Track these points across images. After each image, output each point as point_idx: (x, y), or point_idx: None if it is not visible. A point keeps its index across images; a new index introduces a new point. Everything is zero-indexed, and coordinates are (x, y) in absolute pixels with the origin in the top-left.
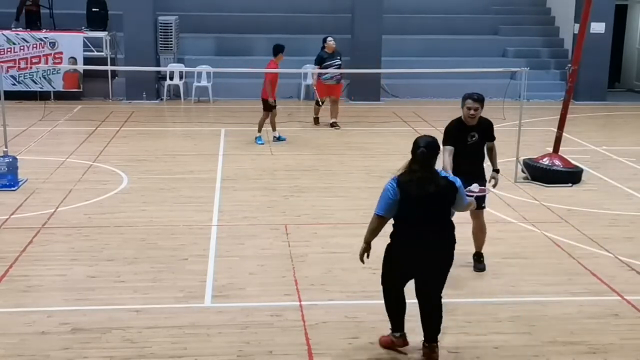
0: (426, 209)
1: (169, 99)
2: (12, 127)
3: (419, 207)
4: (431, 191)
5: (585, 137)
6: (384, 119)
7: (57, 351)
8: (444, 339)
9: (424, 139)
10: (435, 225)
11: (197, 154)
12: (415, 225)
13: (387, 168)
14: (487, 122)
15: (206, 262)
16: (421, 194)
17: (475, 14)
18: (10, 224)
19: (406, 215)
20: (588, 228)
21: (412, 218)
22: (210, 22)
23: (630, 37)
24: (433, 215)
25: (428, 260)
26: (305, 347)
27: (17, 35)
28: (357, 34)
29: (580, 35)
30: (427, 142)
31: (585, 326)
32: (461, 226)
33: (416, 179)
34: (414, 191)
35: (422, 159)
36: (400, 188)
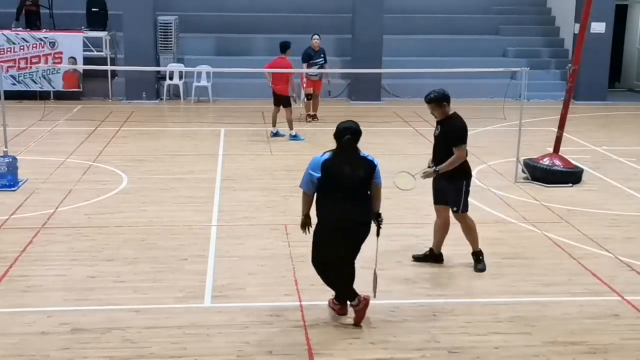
0: (351, 188)
1: (169, 99)
2: (12, 127)
3: (345, 186)
4: (354, 172)
5: (585, 137)
6: (384, 118)
7: (57, 351)
8: (444, 338)
9: (349, 124)
10: (359, 203)
11: (197, 154)
12: (340, 203)
13: (388, 168)
14: (452, 125)
15: (206, 262)
16: (348, 175)
17: (475, 14)
18: (10, 224)
19: (330, 194)
20: (588, 228)
21: (337, 197)
22: (210, 22)
23: (631, 37)
24: (355, 193)
25: (353, 237)
26: (305, 347)
27: (17, 35)
28: (358, 33)
29: (581, 35)
30: (352, 128)
31: (585, 326)
32: (458, 227)
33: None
34: (338, 172)
35: (349, 144)
36: (324, 169)
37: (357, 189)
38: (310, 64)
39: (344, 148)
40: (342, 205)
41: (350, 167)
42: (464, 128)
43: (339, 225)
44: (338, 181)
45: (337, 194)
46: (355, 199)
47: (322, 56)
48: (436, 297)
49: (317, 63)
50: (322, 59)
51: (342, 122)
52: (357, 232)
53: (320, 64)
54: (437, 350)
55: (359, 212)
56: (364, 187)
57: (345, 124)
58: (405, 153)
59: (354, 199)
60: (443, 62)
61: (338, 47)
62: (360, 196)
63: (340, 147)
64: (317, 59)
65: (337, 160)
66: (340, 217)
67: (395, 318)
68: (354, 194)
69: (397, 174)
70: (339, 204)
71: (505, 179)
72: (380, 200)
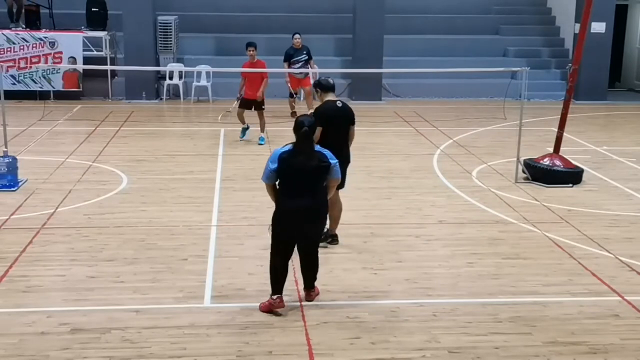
0: (305, 180)
1: (169, 99)
2: (11, 126)
3: (300, 178)
4: (311, 165)
5: (585, 137)
6: (385, 118)
7: (57, 351)
8: (444, 338)
9: (307, 119)
10: (313, 194)
11: (197, 154)
12: (295, 194)
13: (389, 168)
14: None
15: (206, 263)
16: (302, 167)
17: (476, 14)
18: (10, 224)
19: (288, 185)
20: (588, 228)
21: (292, 188)
22: (209, 22)
23: (631, 37)
24: (311, 185)
25: (307, 224)
26: (306, 348)
27: (16, 34)
28: (359, 33)
29: (581, 35)
30: (310, 122)
31: (585, 326)
32: (458, 227)
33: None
34: (298, 164)
35: (305, 137)
36: (281, 161)
37: (309, 180)
38: (292, 63)
39: (300, 140)
40: (297, 195)
41: (304, 158)
42: (318, 112)
43: (292, 214)
44: (293, 172)
45: (292, 185)
46: (309, 190)
47: (305, 53)
48: (436, 297)
49: (298, 61)
50: (305, 55)
51: (300, 116)
52: (309, 221)
53: (303, 61)
54: (437, 351)
55: (312, 202)
56: (316, 178)
57: (302, 117)
58: (405, 153)
59: (307, 189)
60: (443, 62)
61: (338, 47)
62: (313, 187)
63: (297, 139)
64: (298, 57)
65: (293, 152)
66: (294, 207)
67: (396, 318)
68: (307, 184)
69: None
70: (293, 194)
71: (505, 179)
72: (332, 194)
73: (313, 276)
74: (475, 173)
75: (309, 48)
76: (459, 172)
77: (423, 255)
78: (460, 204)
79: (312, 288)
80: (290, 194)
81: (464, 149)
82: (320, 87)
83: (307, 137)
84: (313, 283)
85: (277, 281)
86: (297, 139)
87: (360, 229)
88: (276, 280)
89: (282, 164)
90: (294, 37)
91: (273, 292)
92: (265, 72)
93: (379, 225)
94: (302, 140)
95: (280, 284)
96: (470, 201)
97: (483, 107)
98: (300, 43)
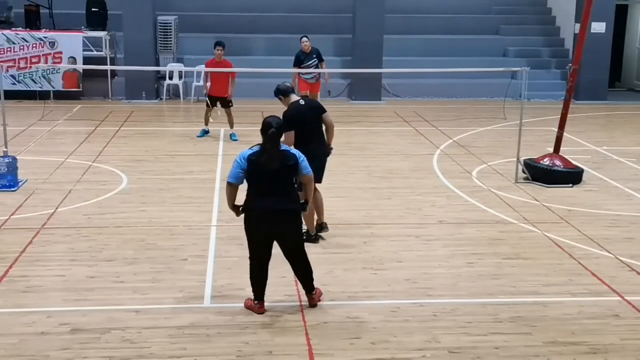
0: (273, 180)
1: (169, 99)
2: (11, 126)
3: (267, 179)
4: (277, 166)
5: (585, 137)
6: (385, 118)
7: (57, 351)
8: (444, 338)
9: (274, 119)
10: (282, 194)
11: (197, 154)
12: (264, 195)
13: (389, 168)
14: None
15: (205, 263)
16: (269, 167)
17: (476, 14)
18: (10, 225)
19: (256, 186)
20: (588, 228)
21: (261, 189)
22: (209, 22)
23: (631, 37)
24: (280, 185)
25: (280, 226)
26: (306, 348)
27: (16, 34)
28: (358, 33)
29: (581, 34)
30: (277, 123)
31: (585, 327)
32: (458, 227)
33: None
34: (262, 165)
35: (272, 137)
36: (249, 162)
37: (277, 181)
38: (303, 68)
39: (267, 141)
40: (266, 196)
41: (271, 159)
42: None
43: (262, 216)
44: (261, 173)
45: (260, 186)
46: (278, 190)
47: (315, 57)
48: (436, 297)
49: (309, 66)
50: (315, 59)
51: (267, 117)
52: (281, 220)
53: (314, 66)
54: (437, 351)
55: (280, 202)
56: (284, 178)
57: (269, 118)
58: (405, 153)
59: (276, 190)
60: (443, 62)
61: (338, 47)
62: (282, 187)
63: (264, 140)
64: (309, 61)
65: (260, 153)
66: (264, 208)
67: (396, 318)
68: (276, 185)
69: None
70: (262, 195)
71: (505, 179)
72: (311, 190)
73: (308, 278)
74: (475, 173)
75: (319, 50)
76: (459, 172)
77: (423, 255)
78: (460, 204)
79: (313, 291)
80: (260, 195)
81: (464, 149)
82: (281, 93)
83: (274, 138)
84: (312, 285)
85: (257, 286)
86: (264, 139)
87: (360, 229)
88: (256, 285)
89: (250, 165)
90: (302, 41)
91: (254, 298)
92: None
93: (379, 225)
94: (269, 141)
95: (260, 290)
96: (470, 201)
97: (483, 107)
98: (310, 46)
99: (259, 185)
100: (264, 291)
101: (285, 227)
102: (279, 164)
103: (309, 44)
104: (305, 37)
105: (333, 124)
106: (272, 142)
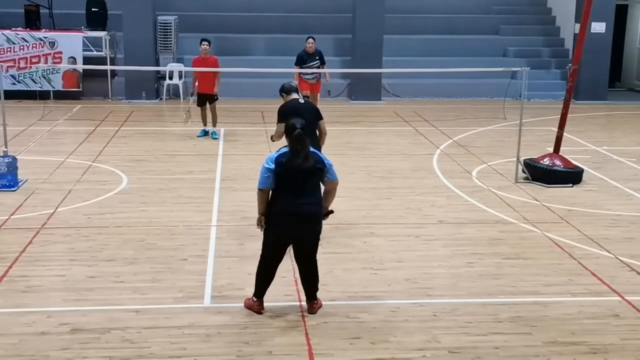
0: (303, 181)
1: (169, 99)
2: (11, 126)
3: (297, 180)
4: (308, 166)
5: (585, 137)
6: (385, 118)
7: (57, 351)
8: (444, 338)
9: (298, 121)
10: (311, 195)
11: (197, 154)
12: (294, 196)
13: (389, 168)
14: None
15: (205, 263)
16: (300, 168)
17: (476, 14)
18: (10, 225)
19: (284, 188)
20: (588, 228)
21: (290, 190)
22: (209, 22)
23: (631, 37)
24: (309, 186)
25: (307, 225)
26: (305, 348)
27: (16, 34)
28: (358, 33)
29: (581, 35)
30: (301, 124)
31: (585, 326)
32: (458, 227)
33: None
34: (296, 166)
35: (300, 137)
36: (278, 164)
37: (308, 181)
38: (304, 68)
39: (296, 142)
40: (296, 197)
41: (302, 159)
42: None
43: (292, 216)
44: (291, 174)
45: (290, 187)
46: (307, 191)
47: (317, 59)
48: (436, 297)
49: (311, 67)
50: (317, 61)
51: (289, 120)
52: (306, 224)
53: (316, 67)
54: (437, 351)
55: (310, 203)
56: (314, 179)
57: (293, 120)
58: (405, 153)
59: (306, 190)
60: (443, 62)
61: (338, 47)
62: (311, 188)
63: (292, 141)
64: (311, 62)
65: (291, 154)
66: (293, 209)
67: (396, 318)
68: (306, 186)
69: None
70: (292, 196)
71: (505, 179)
72: (333, 198)
73: (314, 285)
74: (475, 173)
75: (322, 53)
76: (459, 172)
77: (423, 255)
78: (460, 204)
79: (315, 299)
80: (289, 196)
81: (464, 149)
82: (284, 91)
83: (302, 138)
84: (315, 293)
85: (262, 285)
86: (291, 141)
87: (360, 229)
88: (261, 284)
89: (279, 167)
90: (308, 42)
91: (255, 294)
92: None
93: (379, 225)
94: (297, 141)
95: (264, 288)
96: (470, 201)
97: (483, 107)
98: (314, 48)
99: (289, 187)
100: (266, 290)
101: (311, 230)
102: (308, 163)
103: (313, 46)
104: (312, 38)
105: (326, 132)
106: (302, 142)
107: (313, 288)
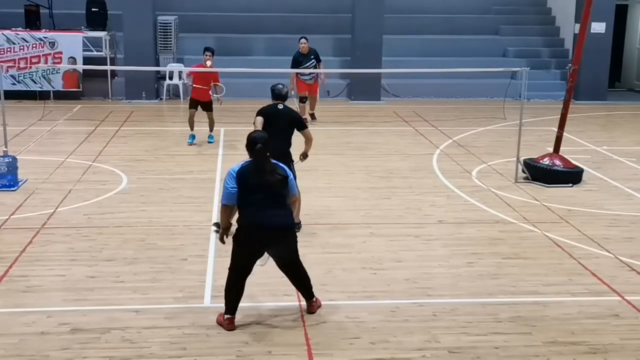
0: (268, 194)
1: (169, 99)
2: (11, 126)
3: (262, 194)
4: (272, 178)
5: (585, 137)
6: (384, 118)
7: (57, 351)
8: (444, 338)
9: (259, 134)
10: (276, 207)
11: (197, 154)
12: (257, 209)
13: (388, 168)
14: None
15: (205, 262)
16: (263, 182)
17: (475, 14)
18: (10, 224)
19: (251, 202)
20: (588, 228)
21: (254, 203)
22: (209, 22)
23: (631, 37)
24: (275, 199)
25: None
26: (305, 347)
27: (16, 35)
28: (358, 33)
29: (581, 35)
30: (263, 138)
31: (585, 326)
32: (458, 227)
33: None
34: (256, 178)
35: (261, 153)
36: (240, 176)
37: (273, 194)
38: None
39: (257, 156)
40: (259, 210)
41: (264, 172)
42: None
43: (260, 230)
44: (254, 188)
45: (254, 201)
46: (273, 203)
47: (313, 58)
48: (436, 297)
49: (307, 67)
50: (313, 60)
51: (251, 133)
52: (275, 236)
53: (312, 67)
54: (437, 351)
55: (274, 215)
56: (279, 191)
57: (254, 134)
58: (405, 153)
59: (271, 203)
60: (443, 62)
61: (338, 47)
62: (277, 200)
63: (254, 155)
64: (307, 63)
65: (251, 168)
66: (257, 223)
67: (395, 318)
68: (271, 198)
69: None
70: (257, 210)
71: (505, 179)
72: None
73: (307, 286)
74: (475, 173)
75: (316, 51)
76: (459, 172)
77: (423, 255)
78: (460, 203)
79: (313, 299)
80: (252, 210)
81: (464, 149)
82: (273, 95)
83: (263, 152)
84: (311, 293)
85: (231, 300)
86: (253, 155)
87: (360, 229)
88: (230, 299)
89: (241, 179)
90: (300, 42)
91: (226, 312)
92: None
93: (379, 225)
94: (258, 157)
95: (234, 304)
96: (470, 201)
97: (483, 107)
98: (308, 47)
99: (254, 200)
100: (237, 306)
101: (279, 243)
102: (272, 176)
103: (306, 46)
104: (304, 38)
105: (312, 138)
106: (262, 157)
107: (307, 289)
